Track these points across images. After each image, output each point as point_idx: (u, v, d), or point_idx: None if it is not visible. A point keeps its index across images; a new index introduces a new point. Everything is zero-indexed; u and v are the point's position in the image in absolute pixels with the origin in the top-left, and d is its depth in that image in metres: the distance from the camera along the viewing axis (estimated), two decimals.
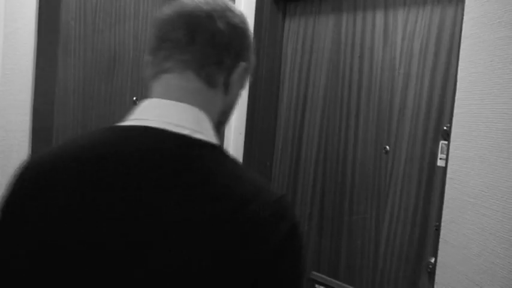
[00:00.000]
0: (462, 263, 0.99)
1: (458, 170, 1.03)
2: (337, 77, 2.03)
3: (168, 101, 0.70)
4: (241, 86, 0.79)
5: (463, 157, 1.02)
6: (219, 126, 0.78)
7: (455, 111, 1.08)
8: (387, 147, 1.87)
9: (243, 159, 2.25)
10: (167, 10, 0.74)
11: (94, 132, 0.73)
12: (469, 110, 1.02)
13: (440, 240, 1.07)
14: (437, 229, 1.09)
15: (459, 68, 1.08)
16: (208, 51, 0.71)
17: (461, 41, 1.07)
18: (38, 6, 1.44)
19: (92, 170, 0.63)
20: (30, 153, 1.46)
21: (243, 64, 0.75)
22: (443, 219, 1.07)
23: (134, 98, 1.88)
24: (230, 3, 0.76)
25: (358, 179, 1.94)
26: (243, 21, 0.76)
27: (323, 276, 2.08)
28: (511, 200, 0.88)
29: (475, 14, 1.02)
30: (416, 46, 1.80)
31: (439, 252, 1.08)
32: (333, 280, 2.04)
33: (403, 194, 1.83)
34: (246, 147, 2.24)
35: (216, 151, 0.68)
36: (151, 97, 0.72)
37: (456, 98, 1.08)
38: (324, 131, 2.09)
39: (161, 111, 0.69)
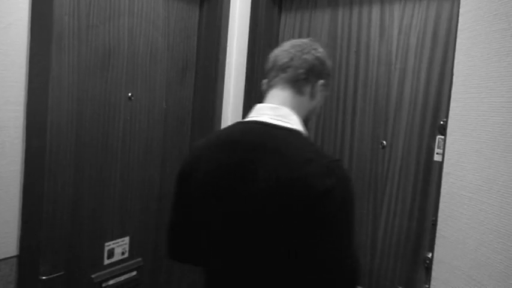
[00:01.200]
0: (459, 258, 0.98)
1: (455, 164, 1.03)
2: (333, 71, 2.02)
3: (271, 105, 1.18)
4: (322, 96, 1.25)
5: (460, 151, 1.02)
6: (307, 121, 1.23)
7: (451, 105, 1.08)
8: (384, 142, 1.86)
9: None
10: (278, 47, 1.26)
11: (232, 124, 1.23)
12: (465, 104, 1.01)
13: (437, 235, 1.07)
14: (434, 224, 1.08)
15: (455, 61, 1.08)
16: (299, 72, 1.18)
17: (457, 34, 1.06)
18: (31, 1, 1.42)
19: (229, 149, 1.12)
20: (24, 149, 1.45)
21: (321, 81, 1.21)
22: (440, 214, 1.06)
23: (129, 94, 1.87)
24: (316, 43, 1.24)
25: (355, 174, 1.93)
26: (323, 54, 1.23)
27: None
28: (508, 194, 0.88)
29: (471, 7, 1.01)
30: (412, 40, 1.79)
31: (436, 247, 1.07)
32: None
33: (400, 188, 1.82)
34: None
35: (294, 133, 1.12)
36: (263, 102, 1.21)
37: (452, 91, 1.07)
38: (321, 126, 2.08)
39: (267, 111, 1.16)
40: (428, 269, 1.68)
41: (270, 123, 1.13)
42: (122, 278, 1.95)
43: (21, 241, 1.47)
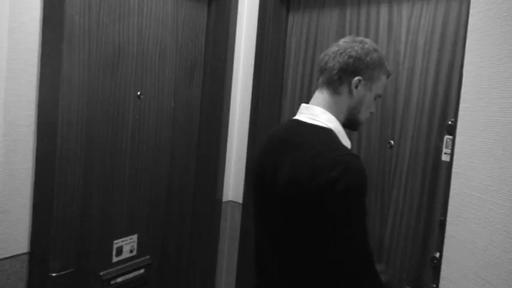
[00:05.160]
0: (468, 258, 0.99)
1: (464, 165, 1.03)
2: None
3: (307, 104, 1.36)
4: (362, 93, 1.33)
5: (469, 151, 1.02)
6: (350, 119, 1.36)
7: (460, 105, 1.08)
8: (392, 142, 1.87)
9: (247, 153, 2.25)
10: (324, 50, 1.38)
11: (283, 122, 1.55)
12: (475, 105, 1.02)
13: (446, 235, 1.07)
14: (442, 224, 1.09)
15: (465, 62, 1.08)
16: (332, 74, 1.31)
17: (467, 34, 1.07)
18: (42, 0, 1.44)
19: (275, 143, 1.34)
20: (35, 147, 1.47)
21: (357, 78, 1.30)
22: (448, 214, 1.07)
23: (138, 93, 1.88)
24: (357, 41, 1.33)
25: None
26: (360, 51, 1.30)
27: None
28: None
29: (481, 7, 1.01)
30: (420, 40, 1.79)
31: (445, 247, 1.08)
32: None
33: (408, 188, 1.82)
34: (249, 142, 2.24)
35: (318, 129, 1.28)
36: (308, 103, 1.37)
37: (462, 92, 1.07)
38: None
39: (303, 110, 1.35)
40: (435, 269, 1.68)
41: (301, 121, 1.32)
42: (130, 275, 1.96)
43: (32, 238, 1.49)
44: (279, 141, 1.32)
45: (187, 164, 2.20)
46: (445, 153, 1.71)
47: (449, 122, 1.69)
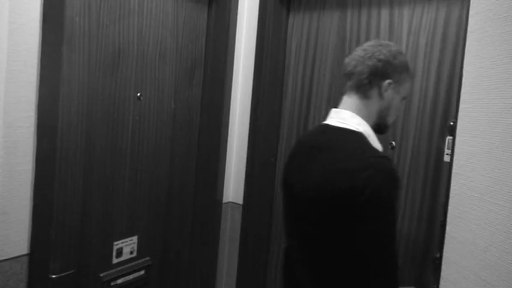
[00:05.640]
0: (468, 259, 0.98)
1: (465, 165, 1.03)
2: (342, 72, 2.02)
3: (336, 109, 1.36)
4: (391, 96, 1.33)
5: (469, 152, 1.02)
6: (379, 123, 1.36)
7: (460, 106, 1.07)
8: (393, 142, 1.86)
9: (247, 155, 2.25)
10: (349, 54, 1.38)
11: (313, 127, 1.52)
12: (475, 105, 1.01)
13: (447, 235, 1.07)
14: (443, 224, 1.08)
15: (465, 62, 1.07)
16: (361, 78, 1.31)
17: (467, 35, 1.06)
18: (42, 2, 1.44)
19: (305, 147, 1.37)
20: (35, 149, 1.46)
21: (387, 81, 1.31)
22: (449, 214, 1.06)
23: (138, 94, 1.88)
24: (383, 44, 1.33)
25: None
26: (388, 54, 1.31)
27: None
28: None
29: (481, 8, 1.01)
30: (422, 41, 1.79)
31: (445, 248, 1.07)
32: None
33: (409, 189, 1.82)
34: (249, 142, 2.24)
35: (348, 132, 1.28)
36: (337, 107, 1.37)
37: (462, 92, 1.07)
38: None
39: (333, 115, 1.36)
40: (436, 269, 1.68)
41: (331, 125, 1.33)
42: (131, 277, 1.96)
43: (32, 240, 1.49)
44: (310, 146, 1.34)
45: (187, 164, 2.20)
46: (446, 154, 1.70)
47: (451, 123, 1.69)
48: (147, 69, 1.91)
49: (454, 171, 1.07)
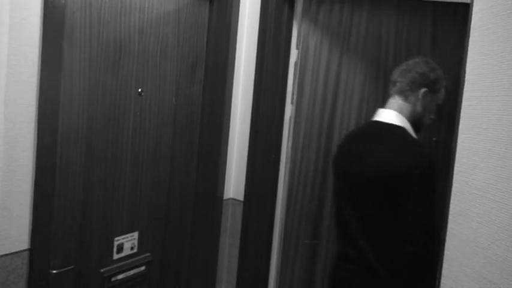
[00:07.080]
0: (470, 257, 0.98)
1: (466, 163, 1.02)
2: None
3: (383, 109, 1.71)
4: (426, 101, 1.69)
5: (471, 150, 1.01)
6: (416, 122, 1.69)
7: (463, 103, 1.07)
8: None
9: (248, 151, 2.25)
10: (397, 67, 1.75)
11: (365, 123, 1.84)
12: (477, 103, 1.01)
13: (448, 233, 1.07)
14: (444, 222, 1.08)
15: (468, 59, 1.07)
16: (404, 85, 1.68)
17: (470, 32, 1.06)
18: None
19: (358, 138, 1.75)
20: (36, 144, 1.46)
21: (423, 90, 1.67)
22: (450, 212, 1.06)
23: (139, 90, 1.87)
24: (424, 61, 1.70)
25: None
26: (426, 69, 1.67)
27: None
28: None
29: (484, 5, 1.01)
30: None
31: (446, 246, 1.07)
32: None
33: None
34: (251, 139, 2.24)
35: (395, 127, 1.64)
36: (383, 107, 1.72)
37: (464, 90, 1.07)
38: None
39: (382, 114, 1.69)
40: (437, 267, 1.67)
41: (380, 121, 1.69)
42: (131, 272, 1.97)
43: (33, 235, 1.49)
44: (362, 136, 1.73)
45: (188, 160, 2.20)
46: None
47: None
48: (148, 66, 1.91)
49: (455, 168, 1.07)
